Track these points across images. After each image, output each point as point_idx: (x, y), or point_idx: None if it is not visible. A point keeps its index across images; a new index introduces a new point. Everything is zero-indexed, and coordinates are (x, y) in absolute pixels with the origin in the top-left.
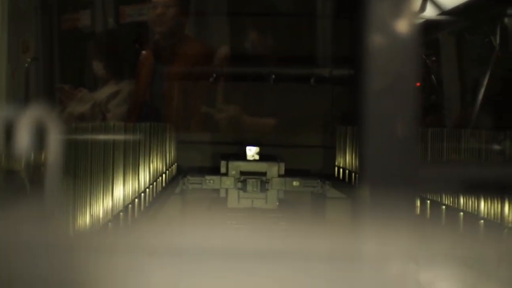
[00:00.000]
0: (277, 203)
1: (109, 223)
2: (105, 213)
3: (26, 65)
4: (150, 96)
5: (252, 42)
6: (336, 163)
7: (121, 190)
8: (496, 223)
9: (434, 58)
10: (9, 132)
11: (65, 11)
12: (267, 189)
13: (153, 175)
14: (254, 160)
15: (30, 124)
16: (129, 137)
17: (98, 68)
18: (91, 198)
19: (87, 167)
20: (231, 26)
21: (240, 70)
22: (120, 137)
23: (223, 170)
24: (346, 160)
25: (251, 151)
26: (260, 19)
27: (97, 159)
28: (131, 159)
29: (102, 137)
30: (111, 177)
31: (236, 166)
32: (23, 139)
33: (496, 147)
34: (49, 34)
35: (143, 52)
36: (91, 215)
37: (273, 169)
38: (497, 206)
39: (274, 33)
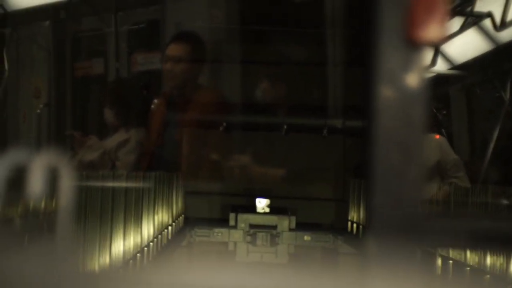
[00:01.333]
0: (288, 258)
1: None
2: (101, 269)
3: (38, 110)
4: (162, 144)
5: (264, 91)
6: (349, 217)
7: (122, 244)
8: (502, 277)
9: (444, 112)
10: (21, 176)
11: (79, 58)
12: (278, 243)
13: (158, 227)
14: (264, 213)
15: (43, 169)
16: (134, 186)
17: (109, 116)
18: (86, 253)
19: (82, 219)
20: (244, 75)
21: (251, 119)
22: (122, 186)
23: (232, 222)
24: (359, 214)
25: (261, 204)
26: (273, 68)
27: (94, 210)
28: (133, 210)
29: (102, 185)
30: (109, 230)
31: (245, 219)
32: (36, 184)
33: (505, 202)
34: (62, 81)
35: (155, 100)
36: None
37: (284, 223)
38: (503, 261)
39: (287, 82)
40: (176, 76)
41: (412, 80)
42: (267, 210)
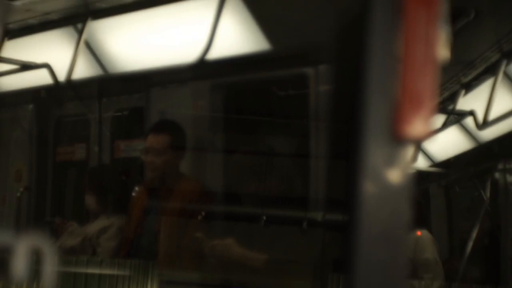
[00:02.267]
0: None
1: None
2: None
3: (18, 194)
4: (141, 232)
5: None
6: None
7: None
8: None
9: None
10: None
11: (61, 143)
12: None
13: None
14: None
15: (27, 252)
16: (109, 274)
17: (90, 202)
18: None
19: None
20: (226, 164)
21: (230, 209)
22: (97, 273)
23: None
24: None
25: None
26: (255, 158)
27: None
28: None
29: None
30: None
31: None
32: (20, 266)
33: None
34: (43, 165)
35: (136, 188)
36: None
37: None
38: None
39: (268, 173)
40: (155, 168)
41: (396, 175)
42: None
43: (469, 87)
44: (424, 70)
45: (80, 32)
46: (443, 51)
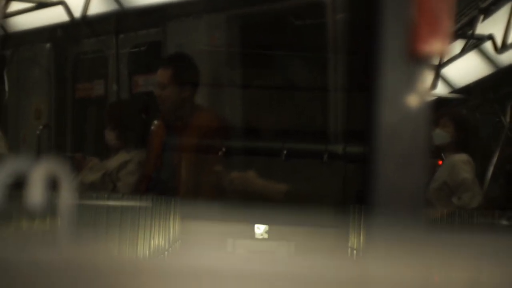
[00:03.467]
0: None
1: None
2: None
3: (38, 132)
4: (161, 167)
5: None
6: (349, 244)
7: None
8: None
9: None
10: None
11: (79, 80)
12: None
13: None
14: (263, 239)
15: (43, 178)
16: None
17: (110, 137)
18: None
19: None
20: (244, 100)
21: (250, 144)
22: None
23: (229, 249)
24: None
25: (260, 230)
26: (274, 92)
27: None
28: (128, 231)
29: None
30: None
31: (243, 245)
32: (37, 192)
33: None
34: (62, 102)
35: (155, 122)
36: None
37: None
38: None
39: (288, 107)
40: (166, 101)
41: (415, 100)
42: (266, 236)
43: (487, 11)
44: None
45: None
46: None
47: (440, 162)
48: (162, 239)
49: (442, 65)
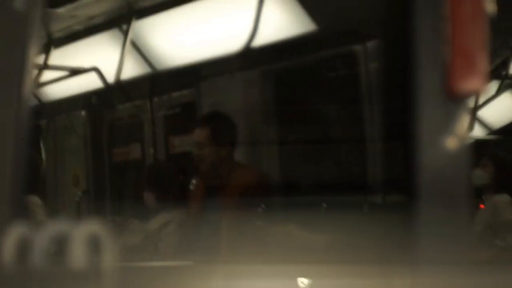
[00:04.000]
0: None
1: None
2: None
3: (77, 198)
4: (202, 224)
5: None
6: None
7: None
8: None
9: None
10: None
11: (116, 145)
12: None
13: None
14: None
15: (85, 238)
16: None
17: (149, 199)
18: None
19: None
20: (281, 154)
21: (289, 199)
22: None
23: None
24: None
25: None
26: (311, 146)
27: None
28: None
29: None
30: None
31: None
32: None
33: None
34: (100, 168)
35: (193, 181)
36: None
37: None
38: None
39: (325, 159)
40: (204, 160)
41: (453, 146)
42: None
43: None
44: (473, 26)
45: (125, 33)
46: (490, 6)
47: (482, 206)
48: None
49: (478, 106)
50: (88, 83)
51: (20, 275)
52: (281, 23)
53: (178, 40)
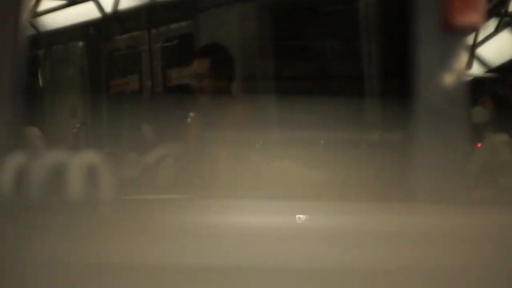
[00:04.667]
0: None
1: None
2: None
3: (75, 130)
4: (200, 157)
5: None
6: None
7: None
8: None
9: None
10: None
11: (113, 76)
12: None
13: None
14: None
15: (83, 169)
16: None
17: (147, 132)
18: None
19: None
20: (277, 89)
21: (286, 135)
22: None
23: None
24: None
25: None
26: (307, 82)
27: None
28: None
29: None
30: None
31: None
32: (76, 183)
33: None
34: (97, 99)
35: (191, 114)
36: None
37: None
38: None
39: (322, 96)
40: (203, 92)
41: (452, 78)
42: None
43: None
44: None
45: None
46: None
47: (479, 145)
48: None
49: (477, 43)
50: (86, 12)
51: (18, 204)
52: None
53: None
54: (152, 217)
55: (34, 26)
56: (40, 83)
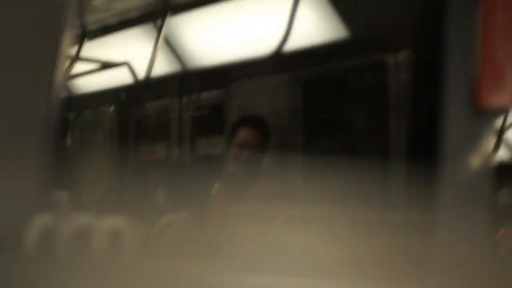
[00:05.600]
0: None
1: None
2: None
3: (101, 195)
4: (223, 229)
5: None
6: None
7: None
8: None
9: None
10: None
11: (142, 143)
12: None
13: None
14: None
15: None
16: None
17: (161, 198)
18: None
19: None
20: (305, 165)
21: (311, 210)
22: None
23: None
24: None
25: None
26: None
27: None
28: None
29: None
30: None
31: None
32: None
33: None
34: (125, 165)
35: (216, 185)
36: None
37: None
38: None
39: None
40: (242, 161)
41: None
42: None
43: None
44: (505, 40)
45: (159, 29)
46: None
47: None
48: None
49: (506, 127)
50: (118, 78)
51: (44, 264)
52: (314, 28)
53: (210, 40)
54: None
55: (66, 88)
56: (70, 147)
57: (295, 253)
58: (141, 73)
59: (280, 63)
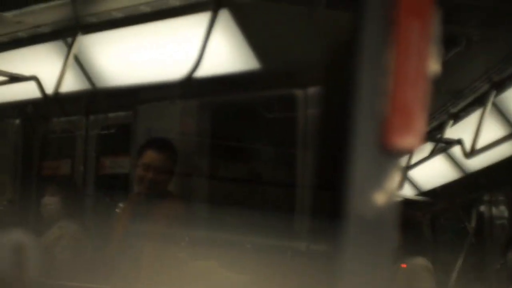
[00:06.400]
0: None
1: None
2: None
3: (1, 207)
4: (124, 248)
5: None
6: None
7: None
8: None
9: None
10: None
11: (46, 158)
12: None
13: None
14: None
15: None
16: None
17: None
18: None
19: None
20: (211, 189)
21: (214, 234)
22: None
23: None
24: None
25: None
26: (240, 184)
27: None
28: None
29: None
30: None
31: None
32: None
33: None
34: (28, 179)
35: (121, 205)
36: None
37: None
38: None
39: (254, 199)
40: (147, 183)
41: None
42: None
43: (457, 117)
44: (415, 83)
45: (69, 46)
46: (434, 65)
47: (404, 265)
48: None
49: (410, 166)
50: (26, 92)
51: None
52: (227, 57)
53: (121, 60)
54: None
55: None
56: None
57: (194, 276)
58: (50, 89)
59: (190, 88)
